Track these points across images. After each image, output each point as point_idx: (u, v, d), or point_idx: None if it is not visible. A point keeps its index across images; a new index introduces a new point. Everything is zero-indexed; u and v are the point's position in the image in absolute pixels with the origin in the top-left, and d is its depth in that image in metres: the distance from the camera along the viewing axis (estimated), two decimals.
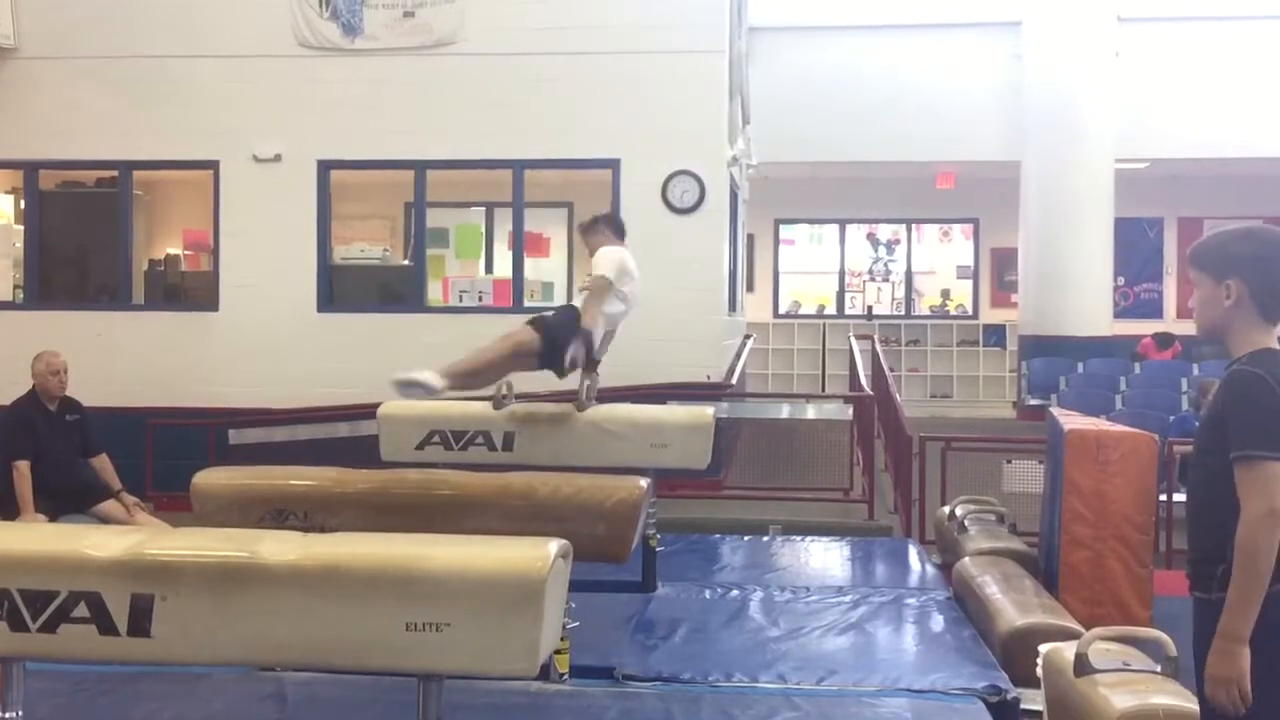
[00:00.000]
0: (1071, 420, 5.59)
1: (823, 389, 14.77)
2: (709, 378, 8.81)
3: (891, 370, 11.44)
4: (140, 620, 2.51)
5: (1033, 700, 3.77)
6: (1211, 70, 12.59)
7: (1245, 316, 2.63)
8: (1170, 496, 6.64)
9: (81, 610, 2.52)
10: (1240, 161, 13.07)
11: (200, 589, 2.53)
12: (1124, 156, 12.56)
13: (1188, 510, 2.79)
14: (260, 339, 9.12)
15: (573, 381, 5.29)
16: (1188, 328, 8.35)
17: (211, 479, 4.24)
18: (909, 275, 16.07)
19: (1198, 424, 2.83)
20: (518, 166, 9.17)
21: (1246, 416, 2.52)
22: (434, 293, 9.84)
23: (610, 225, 5.50)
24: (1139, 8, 12.64)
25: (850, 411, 8.79)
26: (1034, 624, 4.25)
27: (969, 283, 15.91)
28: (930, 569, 5.95)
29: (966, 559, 5.32)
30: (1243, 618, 2.48)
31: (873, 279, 16.14)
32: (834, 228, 16.12)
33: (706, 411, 5.31)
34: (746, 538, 6.78)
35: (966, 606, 4.97)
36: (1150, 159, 13.01)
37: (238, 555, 2.57)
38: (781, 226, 15.99)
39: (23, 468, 6.24)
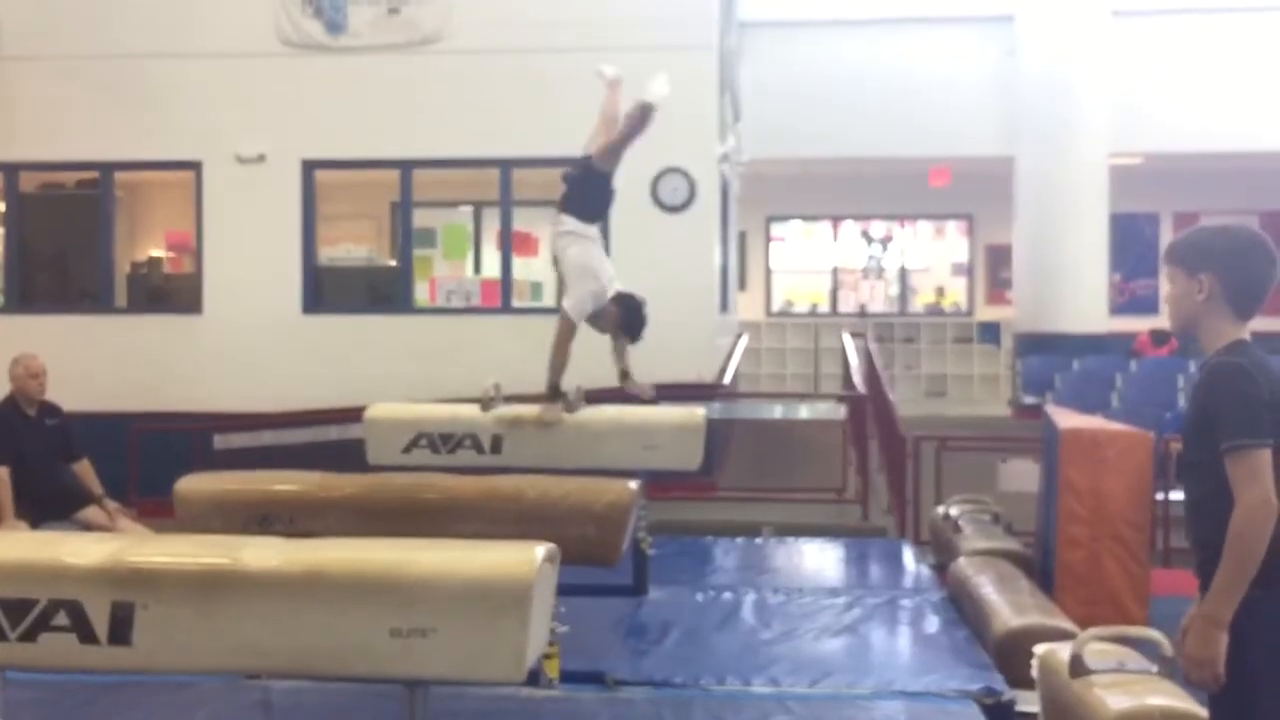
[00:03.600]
0: (1067, 418, 5.57)
1: (816, 388, 14.75)
2: (700, 378, 8.76)
3: (885, 369, 11.40)
4: (121, 629, 2.52)
5: (1028, 702, 3.76)
6: (1206, 64, 12.59)
7: (1217, 310, 2.68)
8: (1167, 495, 6.61)
9: (61, 619, 2.53)
10: (1236, 155, 13.06)
11: (181, 597, 2.52)
12: (1119, 151, 12.54)
13: (1186, 509, 2.80)
14: (245, 342, 9.06)
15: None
16: None
17: (195, 485, 4.21)
18: (903, 272, 16.06)
19: (1184, 422, 2.85)
20: (505, 165, 9.12)
21: (1231, 407, 2.56)
22: (421, 293, 9.79)
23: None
24: (1133, 1, 12.63)
25: (844, 411, 8.77)
26: (1029, 625, 4.23)
27: (963, 279, 15.90)
28: (925, 570, 5.94)
29: (961, 559, 5.29)
30: (1226, 603, 2.53)
31: (866, 276, 16.12)
32: (827, 224, 16.10)
33: (698, 412, 5.27)
34: (739, 540, 6.77)
35: (961, 607, 4.95)
36: (1145, 153, 13.01)
37: (219, 562, 2.56)
38: (774, 224, 15.97)
39: (2, 474, 6.16)
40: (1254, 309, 2.70)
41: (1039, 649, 3.54)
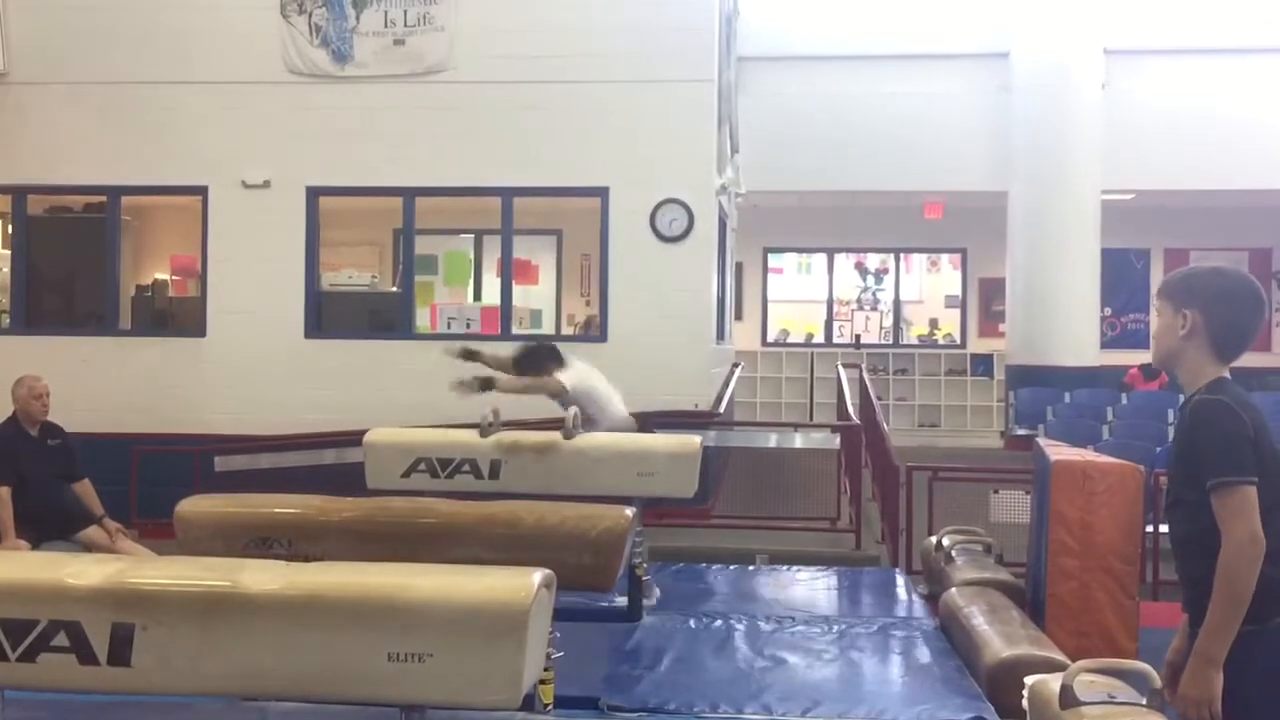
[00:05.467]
0: (1058, 451, 5.59)
1: (810, 418, 14.77)
2: (697, 406, 8.81)
3: (879, 399, 11.44)
4: (120, 650, 2.51)
5: None
6: (1197, 102, 12.70)
7: (1199, 347, 2.68)
8: (1156, 528, 6.65)
9: (61, 639, 2.52)
10: (1226, 193, 13.17)
11: (181, 618, 2.52)
12: (1110, 187, 12.65)
13: (1174, 545, 2.80)
14: (248, 365, 9.11)
15: (559, 410, 5.32)
16: None
17: (195, 506, 4.23)
18: (897, 304, 16.13)
19: (1170, 460, 2.85)
20: (507, 194, 9.21)
21: (1217, 444, 2.56)
22: (422, 319, 9.85)
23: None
24: (1125, 40, 12.77)
25: (838, 440, 8.80)
26: (1020, 655, 4.25)
27: (957, 312, 15.96)
28: (916, 599, 5.96)
29: (953, 589, 5.31)
30: (1220, 641, 2.52)
31: (861, 308, 16.19)
32: (822, 256, 16.18)
33: (694, 440, 5.32)
34: (733, 567, 6.79)
35: (953, 637, 4.97)
36: (1136, 190, 13.11)
37: (219, 585, 2.56)
38: (770, 255, 16.04)
39: (3, 494, 6.18)
40: (1237, 353, 2.69)
41: (1029, 680, 3.56)
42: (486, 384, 5.44)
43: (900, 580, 6.49)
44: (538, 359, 5.79)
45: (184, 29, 9.26)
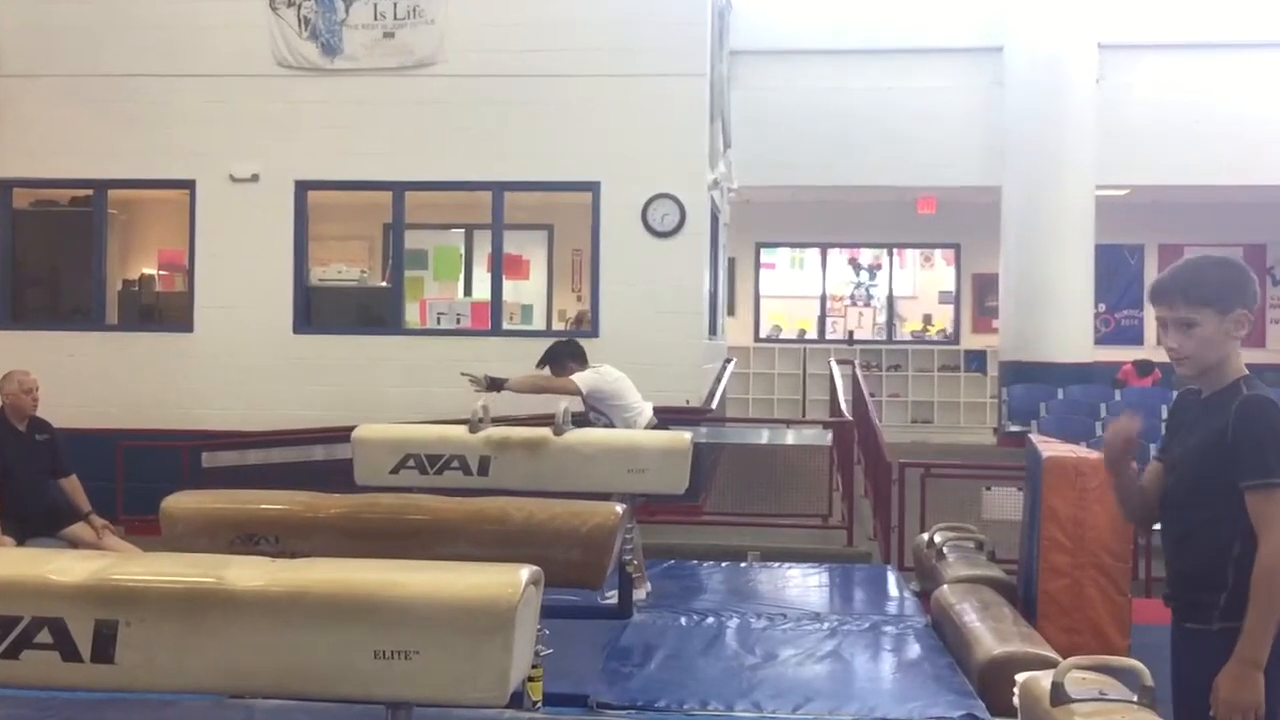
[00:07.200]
0: (1050, 447, 5.60)
1: (803, 414, 14.77)
2: (688, 402, 8.79)
3: (872, 395, 11.44)
4: (104, 647, 2.47)
5: None
6: (1192, 97, 12.71)
7: (1238, 345, 2.63)
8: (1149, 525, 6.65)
9: (44, 636, 2.47)
10: (1220, 189, 13.18)
11: (165, 615, 2.49)
12: (1104, 183, 12.66)
13: (1170, 540, 2.76)
14: (236, 360, 9.07)
15: (550, 405, 5.30)
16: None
17: (181, 503, 4.19)
18: (890, 300, 16.13)
19: (1182, 450, 2.74)
20: (497, 188, 9.18)
21: (1267, 443, 2.51)
22: (412, 315, 9.82)
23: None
24: (1119, 35, 12.77)
25: (830, 437, 8.79)
26: (1011, 652, 4.25)
27: (950, 308, 15.97)
28: (908, 596, 5.96)
29: (945, 586, 5.31)
30: (1263, 644, 2.49)
31: (854, 304, 16.18)
32: (815, 252, 16.17)
33: (685, 436, 5.29)
34: (724, 564, 6.79)
35: (944, 634, 4.96)
36: (1131, 186, 13.12)
37: (204, 581, 2.53)
38: (763, 250, 16.03)
39: None
40: None
41: (1021, 677, 3.55)
42: (496, 382, 5.44)
43: (892, 577, 6.49)
44: (559, 355, 5.77)
45: (172, 22, 9.21)
